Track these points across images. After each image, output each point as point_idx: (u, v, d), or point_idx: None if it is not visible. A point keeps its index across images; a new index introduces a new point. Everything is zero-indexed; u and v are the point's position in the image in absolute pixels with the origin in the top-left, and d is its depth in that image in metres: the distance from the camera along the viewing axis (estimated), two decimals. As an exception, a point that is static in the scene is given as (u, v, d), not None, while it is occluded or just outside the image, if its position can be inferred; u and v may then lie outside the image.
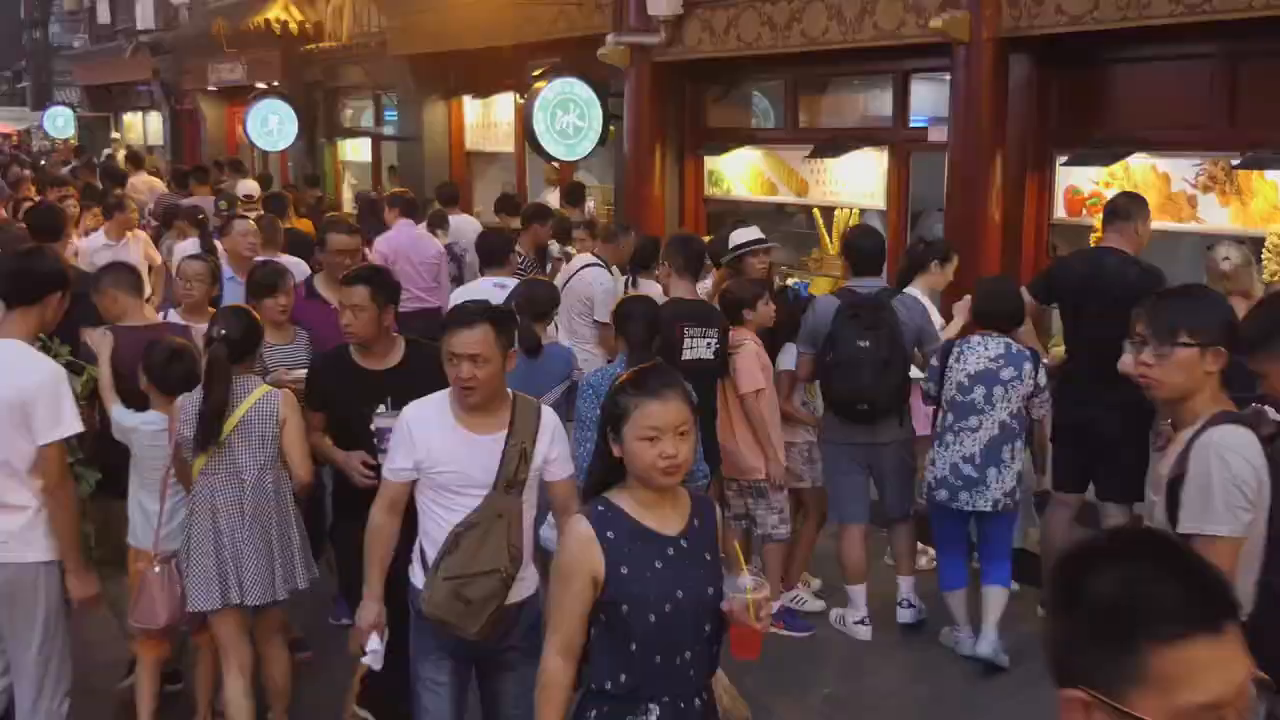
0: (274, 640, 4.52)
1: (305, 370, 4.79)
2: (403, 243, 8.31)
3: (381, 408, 4.17)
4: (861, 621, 5.70)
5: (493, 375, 3.48)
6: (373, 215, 9.94)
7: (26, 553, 3.88)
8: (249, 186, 12.66)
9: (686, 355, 5.27)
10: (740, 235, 6.33)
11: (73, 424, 3.89)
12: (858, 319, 5.43)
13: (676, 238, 6.39)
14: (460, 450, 3.46)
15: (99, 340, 4.81)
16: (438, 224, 9.56)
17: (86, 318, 5.03)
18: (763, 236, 6.36)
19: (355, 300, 4.25)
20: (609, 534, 2.69)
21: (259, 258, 6.42)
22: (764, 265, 6.28)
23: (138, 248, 8.71)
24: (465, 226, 9.81)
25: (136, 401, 4.48)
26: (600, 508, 2.75)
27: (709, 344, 5.37)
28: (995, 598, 5.39)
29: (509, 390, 3.58)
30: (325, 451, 4.41)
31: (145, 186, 13.78)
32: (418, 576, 3.58)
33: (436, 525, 3.50)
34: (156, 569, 4.30)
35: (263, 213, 8.95)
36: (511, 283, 6.27)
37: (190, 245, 8.27)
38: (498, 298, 5.12)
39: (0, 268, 4.12)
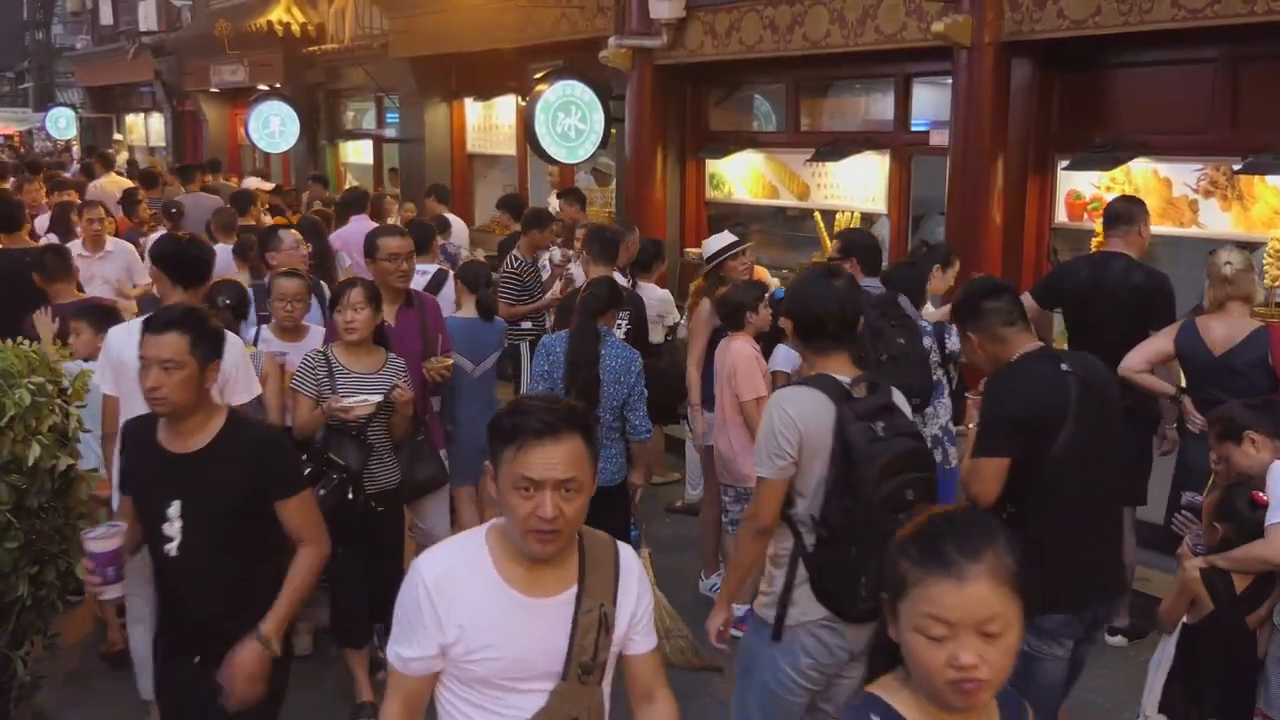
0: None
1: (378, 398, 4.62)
2: (357, 237, 8.06)
3: (172, 508, 3.20)
4: None
5: (184, 383, 3.14)
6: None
7: None
8: (254, 184, 13.33)
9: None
10: (715, 242, 6.29)
11: (251, 386, 4.69)
12: (886, 317, 5.41)
13: (593, 228, 6.93)
14: (513, 623, 2.32)
15: (40, 319, 5.61)
16: (442, 228, 9.56)
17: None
18: (736, 239, 6.33)
19: (167, 353, 3.17)
20: None
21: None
22: (745, 267, 6.27)
23: (121, 259, 8.01)
24: (458, 227, 9.89)
25: None
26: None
27: (620, 327, 5.94)
28: None
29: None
30: None
31: (115, 187, 13.84)
32: None
33: None
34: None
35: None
36: (433, 268, 7.12)
37: (222, 251, 8.24)
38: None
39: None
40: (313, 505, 3.48)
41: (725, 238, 6.31)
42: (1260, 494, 3.68)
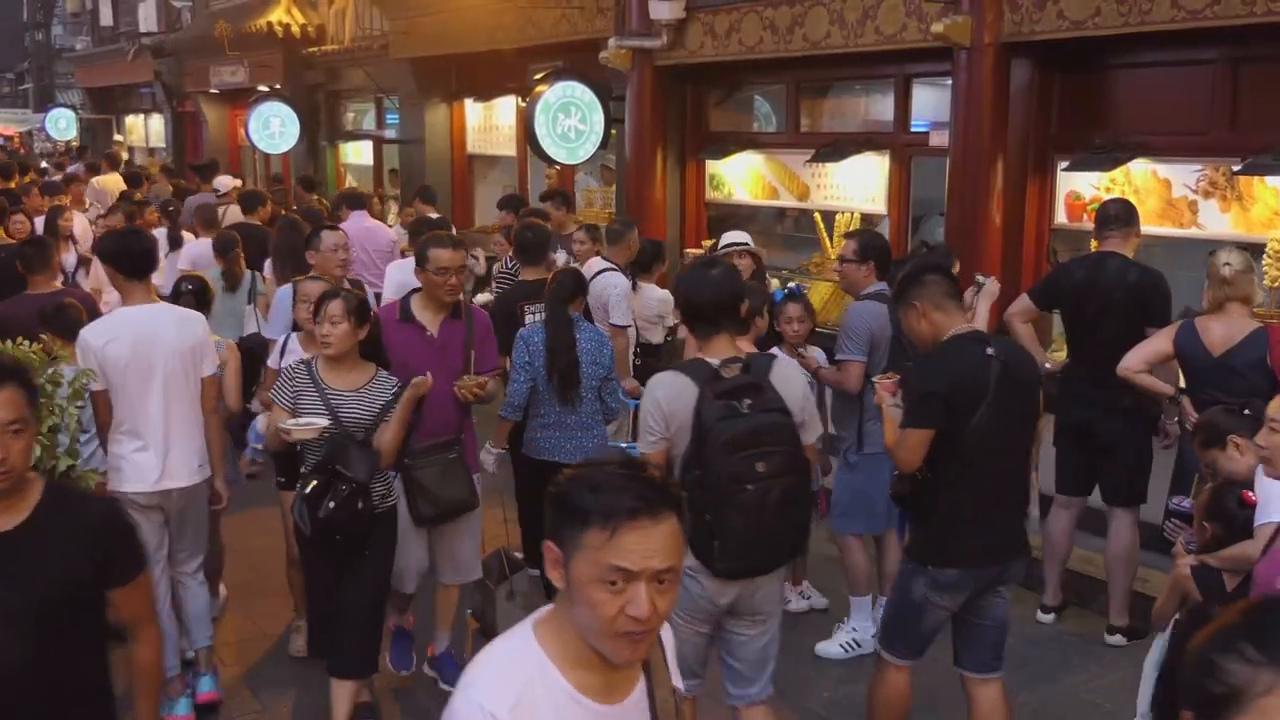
0: None
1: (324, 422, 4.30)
2: (357, 233, 8.59)
3: None
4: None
5: (27, 449, 2.59)
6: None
7: (205, 470, 4.86)
8: (225, 182, 13.38)
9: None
10: (726, 238, 6.40)
11: (215, 359, 4.95)
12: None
13: (522, 227, 7.01)
14: None
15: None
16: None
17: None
18: (745, 240, 6.46)
19: (9, 414, 2.57)
20: None
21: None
22: (745, 267, 6.32)
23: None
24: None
25: None
26: None
27: (535, 314, 6.10)
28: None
29: None
30: None
31: (116, 186, 13.91)
32: None
33: None
34: None
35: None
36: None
37: (202, 244, 8.57)
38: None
39: None
40: (150, 586, 3.12)
41: (738, 235, 6.39)
42: (1250, 493, 3.70)
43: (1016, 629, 5.89)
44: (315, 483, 4.30)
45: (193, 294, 5.83)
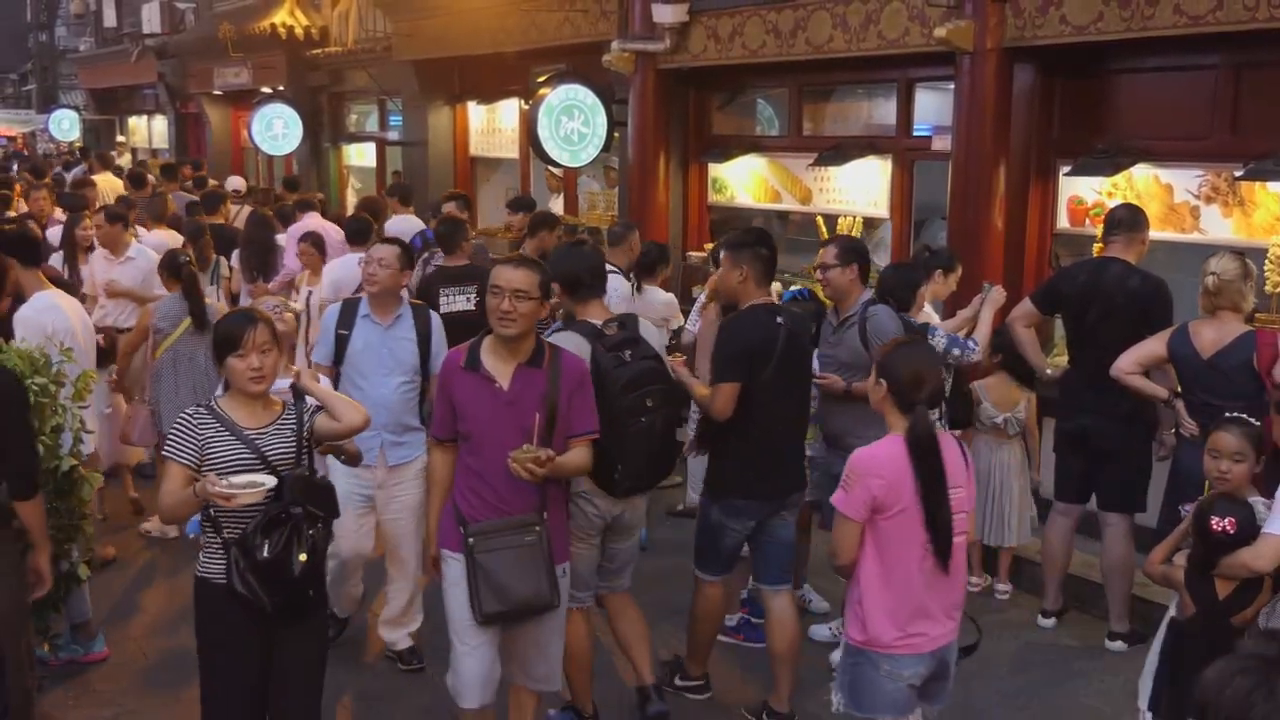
0: None
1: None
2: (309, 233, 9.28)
3: None
4: None
5: None
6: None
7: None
8: (236, 182, 14.14)
9: (446, 309, 6.74)
10: None
11: None
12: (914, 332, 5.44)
13: (446, 220, 7.76)
14: None
15: None
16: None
17: None
18: None
19: None
20: None
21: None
22: None
23: (142, 265, 8.02)
24: (407, 226, 9.93)
25: None
26: None
27: (467, 298, 6.98)
28: None
29: None
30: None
31: (108, 186, 13.97)
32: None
33: None
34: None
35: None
36: None
37: (153, 237, 9.13)
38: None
39: None
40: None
41: None
42: (1217, 520, 3.73)
43: (1017, 634, 5.93)
44: (265, 520, 3.55)
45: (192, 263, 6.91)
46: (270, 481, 3.55)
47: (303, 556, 3.57)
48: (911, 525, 3.50)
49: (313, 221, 9.82)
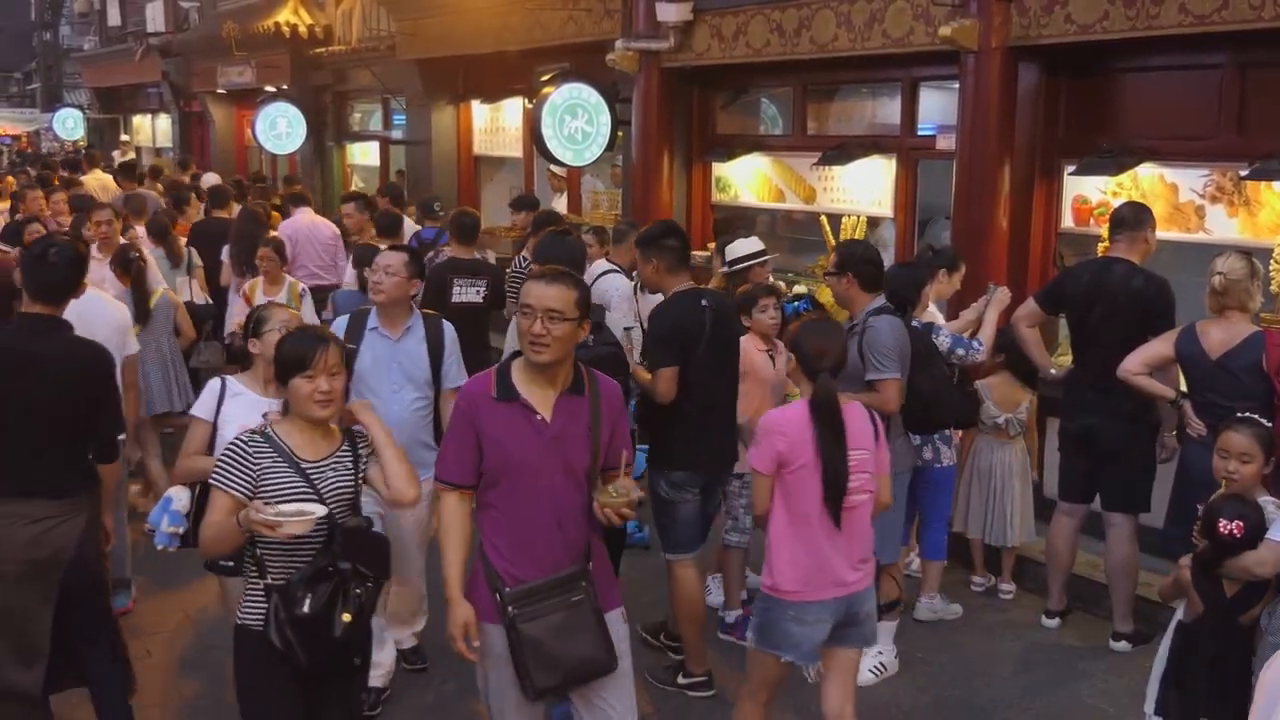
0: None
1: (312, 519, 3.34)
2: (302, 227, 9.75)
3: None
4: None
5: None
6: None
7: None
8: (212, 179, 14.27)
9: (456, 299, 7.04)
10: (741, 248, 6.37)
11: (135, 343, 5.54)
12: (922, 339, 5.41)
13: (457, 215, 7.92)
14: None
15: None
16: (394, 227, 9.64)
17: None
18: (763, 248, 6.42)
19: None
20: None
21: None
22: (765, 277, 6.35)
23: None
24: (409, 226, 10.18)
25: None
26: None
27: (477, 290, 7.23)
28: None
29: None
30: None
31: (97, 184, 14.02)
32: None
33: None
34: None
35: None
36: None
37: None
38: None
39: None
40: None
41: (754, 244, 6.40)
42: (1225, 523, 3.74)
43: (1021, 634, 5.91)
44: (318, 591, 3.30)
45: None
46: (319, 510, 3.28)
47: (346, 616, 3.29)
48: (812, 480, 3.82)
49: (304, 217, 9.90)
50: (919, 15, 7.25)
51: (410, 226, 10.05)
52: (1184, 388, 5.34)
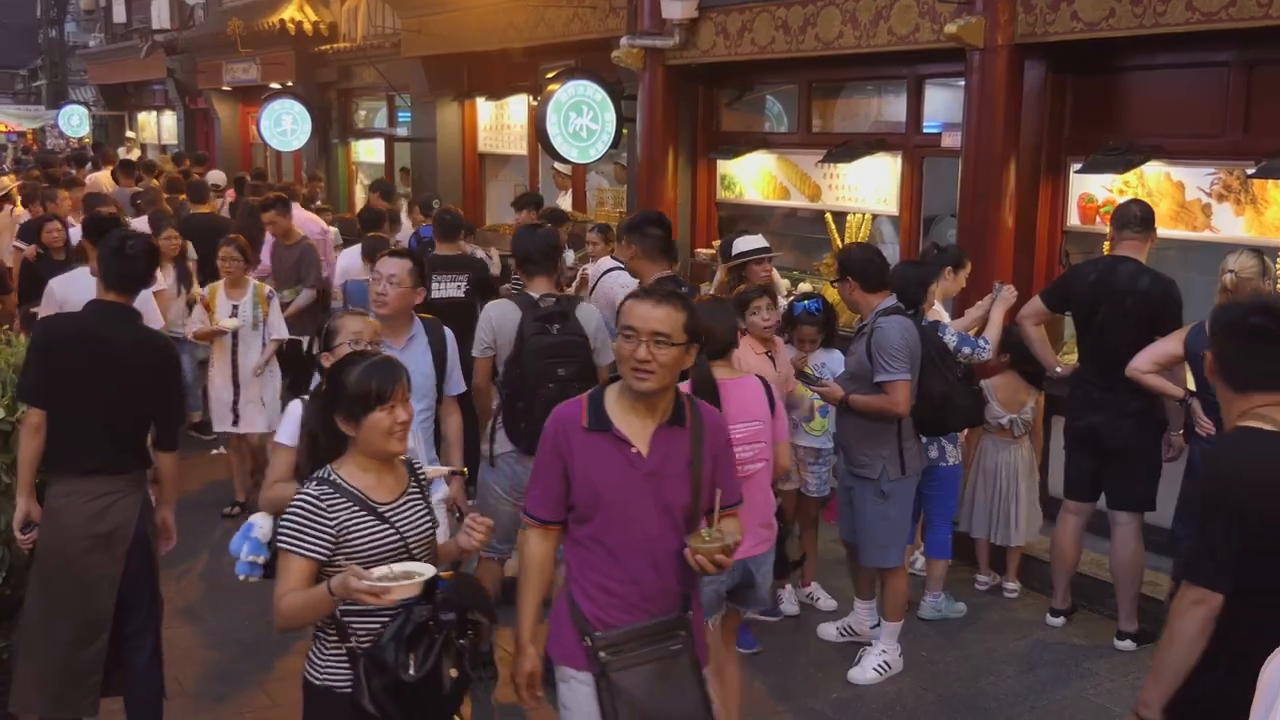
0: None
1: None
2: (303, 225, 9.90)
3: None
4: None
5: None
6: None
7: None
8: (217, 176, 14.42)
9: (436, 294, 7.08)
10: (744, 243, 6.36)
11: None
12: (933, 340, 5.40)
13: (439, 213, 8.20)
14: None
15: None
16: (379, 222, 9.68)
17: None
18: (766, 245, 6.41)
19: None
20: None
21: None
22: (767, 273, 6.34)
23: None
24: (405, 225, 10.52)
25: None
26: None
27: (458, 285, 7.45)
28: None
29: None
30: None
31: (110, 182, 14.05)
32: None
33: None
34: None
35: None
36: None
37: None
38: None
39: None
40: None
41: (756, 240, 6.39)
42: None
43: (1025, 632, 5.91)
44: (419, 651, 2.93)
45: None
46: (428, 571, 2.93)
47: (454, 672, 2.96)
48: None
49: (296, 214, 9.89)
50: (924, 12, 7.24)
51: (408, 226, 10.10)
52: (1191, 386, 5.33)
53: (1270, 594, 2.85)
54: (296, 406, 3.94)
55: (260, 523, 3.85)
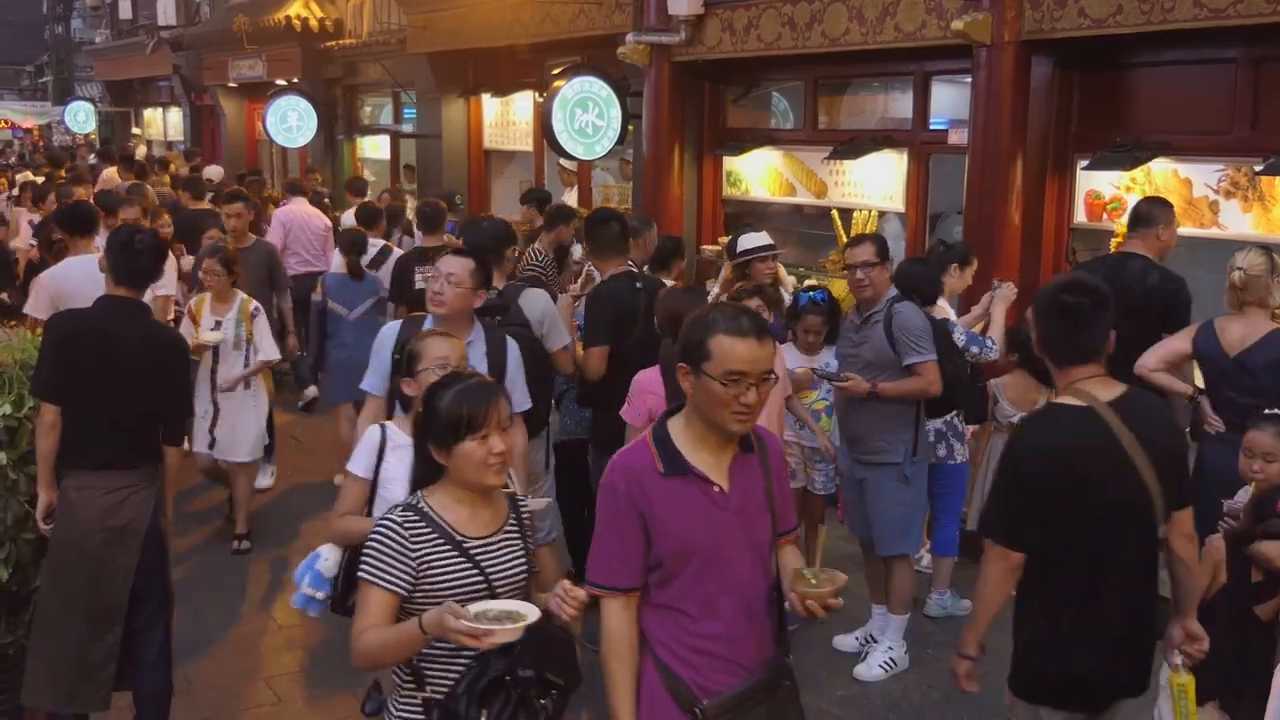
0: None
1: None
2: (297, 216, 10.38)
3: None
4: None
5: None
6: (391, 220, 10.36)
7: None
8: (214, 171, 14.64)
9: (420, 286, 6.70)
10: (748, 240, 6.37)
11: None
12: (939, 326, 5.41)
13: (421, 206, 8.39)
14: None
15: None
16: (374, 220, 9.56)
17: None
18: (770, 242, 6.41)
19: None
20: None
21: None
22: (771, 270, 6.35)
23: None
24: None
25: None
26: None
27: None
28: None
29: None
30: None
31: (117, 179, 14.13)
32: None
33: None
34: None
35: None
36: (380, 243, 8.69)
37: None
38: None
39: None
40: None
41: (761, 238, 6.39)
42: None
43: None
44: (494, 707, 2.70)
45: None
46: (532, 614, 2.63)
47: None
48: None
49: (297, 208, 10.16)
50: (931, 9, 7.22)
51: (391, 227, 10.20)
52: (1200, 384, 5.31)
53: (1066, 553, 3.23)
54: (373, 433, 3.68)
55: (327, 554, 3.66)
